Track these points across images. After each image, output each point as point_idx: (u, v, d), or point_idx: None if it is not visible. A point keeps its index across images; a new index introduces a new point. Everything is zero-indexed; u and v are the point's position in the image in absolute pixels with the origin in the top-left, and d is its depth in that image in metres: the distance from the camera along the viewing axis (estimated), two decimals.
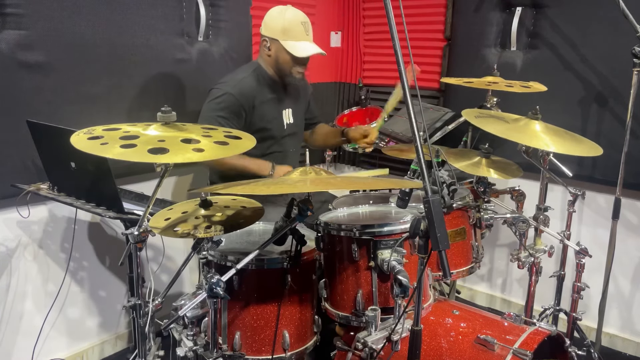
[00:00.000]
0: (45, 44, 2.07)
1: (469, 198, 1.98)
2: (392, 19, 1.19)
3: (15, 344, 2.25)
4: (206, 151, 1.32)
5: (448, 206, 1.79)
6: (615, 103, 2.39)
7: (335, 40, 3.48)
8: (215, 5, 2.61)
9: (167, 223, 1.58)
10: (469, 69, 2.77)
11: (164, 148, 1.28)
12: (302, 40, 2.22)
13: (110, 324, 2.59)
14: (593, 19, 2.41)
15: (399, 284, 1.41)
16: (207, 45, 2.62)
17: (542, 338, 1.55)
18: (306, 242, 1.64)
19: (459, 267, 1.96)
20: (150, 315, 1.53)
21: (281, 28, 2.20)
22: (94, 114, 2.24)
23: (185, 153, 1.30)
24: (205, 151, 1.32)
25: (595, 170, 2.49)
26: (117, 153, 1.25)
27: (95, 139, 1.31)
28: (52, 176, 2.03)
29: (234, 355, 1.62)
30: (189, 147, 1.32)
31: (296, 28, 2.20)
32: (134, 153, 1.25)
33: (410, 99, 1.18)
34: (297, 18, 2.22)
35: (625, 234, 2.50)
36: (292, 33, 2.20)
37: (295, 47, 2.20)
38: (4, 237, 2.17)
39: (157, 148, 1.28)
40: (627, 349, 2.64)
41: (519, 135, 1.88)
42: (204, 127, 1.50)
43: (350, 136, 2.47)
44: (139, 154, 1.25)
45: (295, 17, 2.22)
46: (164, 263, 2.60)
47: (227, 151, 1.39)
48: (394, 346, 1.50)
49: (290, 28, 2.20)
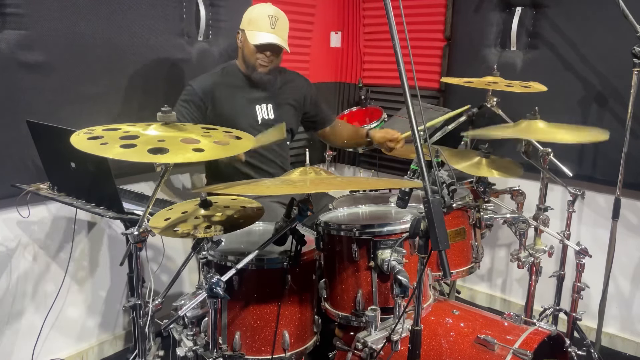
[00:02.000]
0: (45, 44, 2.07)
1: (468, 198, 1.98)
2: (392, 19, 1.19)
3: (15, 344, 2.25)
4: (206, 151, 1.32)
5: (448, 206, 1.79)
6: (615, 103, 2.39)
7: (335, 40, 3.48)
8: (215, 5, 2.61)
9: (167, 223, 1.58)
10: (469, 69, 2.76)
11: (164, 148, 1.28)
12: (264, 32, 2.27)
13: (110, 324, 2.59)
14: (593, 19, 2.41)
15: (399, 284, 1.41)
16: (207, 45, 2.62)
17: (542, 338, 1.55)
18: (306, 242, 1.64)
19: (459, 267, 1.96)
20: (150, 315, 1.53)
21: (248, 19, 2.30)
22: (94, 114, 2.24)
23: (185, 153, 1.30)
24: (205, 151, 1.32)
25: (595, 170, 2.49)
26: (117, 153, 1.24)
27: (95, 139, 1.31)
28: (52, 176, 2.03)
29: (234, 355, 1.62)
30: (188, 147, 1.32)
31: (261, 19, 2.27)
32: (134, 153, 1.25)
33: (411, 99, 1.18)
34: (265, 11, 2.29)
35: (625, 234, 2.50)
36: (256, 24, 2.28)
37: (255, 35, 2.27)
38: (4, 237, 2.17)
39: (157, 148, 1.28)
40: (627, 349, 2.64)
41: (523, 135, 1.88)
42: (204, 127, 1.50)
43: (377, 139, 2.49)
44: (139, 154, 1.25)
45: (264, 10, 2.30)
46: (164, 263, 2.60)
47: (227, 151, 1.39)
48: (394, 346, 1.50)
49: (255, 19, 2.28)
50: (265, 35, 2.26)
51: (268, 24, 2.27)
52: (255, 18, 2.28)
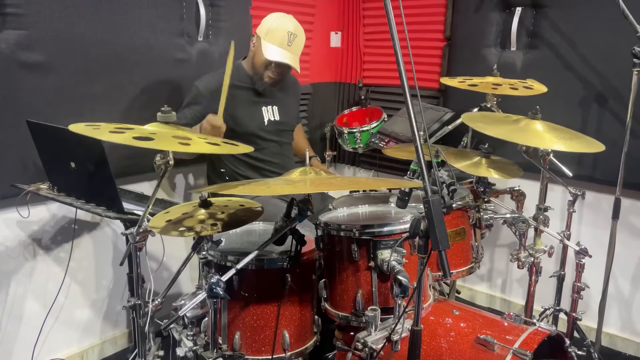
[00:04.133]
0: (45, 44, 2.07)
1: (468, 198, 1.98)
2: (392, 19, 1.19)
3: (15, 344, 2.25)
4: (192, 145, 1.33)
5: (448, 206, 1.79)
6: (615, 103, 2.39)
7: (335, 40, 3.48)
8: (215, 5, 2.61)
9: (167, 223, 1.58)
10: (469, 69, 2.76)
11: (149, 137, 1.31)
12: (280, 47, 2.26)
13: (110, 323, 2.59)
14: (593, 19, 2.41)
15: (398, 284, 1.41)
16: (207, 45, 2.62)
17: (542, 338, 1.55)
18: (306, 242, 1.64)
19: (459, 267, 1.96)
20: (150, 315, 1.53)
21: (267, 28, 2.28)
22: (94, 114, 2.24)
23: (170, 144, 1.33)
24: (191, 145, 1.33)
25: (595, 170, 2.49)
26: (105, 136, 1.30)
27: (90, 126, 1.35)
28: (52, 176, 2.03)
29: (233, 355, 1.62)
30: (175, 140, 1.33)
31: (279, 33, 2.26)
32: (119, 137, 1.30)
33: (411, 99, 1.18)
34: (285, 26, 2.27)
35: (625, 234, 2.50)
36: (273, 36, 2.26)
37: (270, 48, 2.25)
38: (4, 237, 2.17)
39: (144, 137, 1.31)
40: (627, 349, 2.64)
41: (521, 136, 1.88)
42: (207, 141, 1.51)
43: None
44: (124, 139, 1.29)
45: (284, 24, 2.28)
46: (164, 263, 2.60)
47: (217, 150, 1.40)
48: (393, 346, 1.50)
49: (274, 31, 2.26)
50: (281, 53, 2.25)
51: (286, 41, 2.25)
52: (274, 30, 2.26)
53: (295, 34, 2.27)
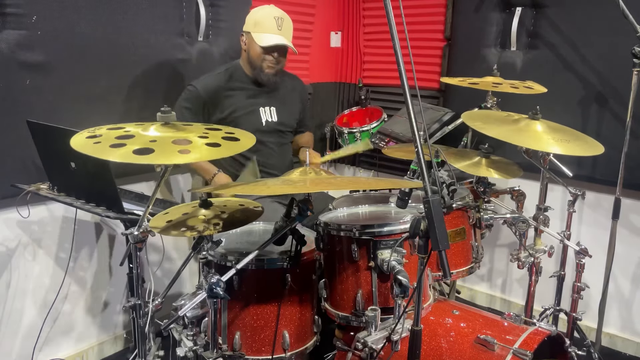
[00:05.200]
0: (45, 44, 2.07)
1: (468, 198, 1.98)
2: (392, 19, 1.19)
3: (15, 344, 2.25)
4: (192, 153, 1.32)
5: (448, 206, 1.80)
6: (615, 103, 2.39)
7: (335, 40, 3.48)
8: (215, 5, 2.61)
9: (167, 223, 1.58)
10: (469, 69, 2.76)
11: (150, 148, 1.29)
12: (271, 33, 2.27)
13: (110, 324, 2.59)
14: (593, 19, 2.41)
15: (398, 284, 1.41)
16: (207, 45, 2.62)
17: (542, 338, 1.55)
18: (306, 242, 1.64)
19: (459, 267, 1.95)
20: (150, 315, 1.53)
21: (254, 21, 2.30)
22: (94, 114, 2.24)
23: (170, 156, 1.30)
24: (190, 153, 1.32)
25: (595, 170, 2.49)
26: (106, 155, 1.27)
27: (91, 138, 1.33)
28: (52, 176, 2.03)
29: (234, 355, 1.62)
30: (175, 148, 1.32)
31: (267, 21, 2.27)
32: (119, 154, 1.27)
33: (411, 99, 1.18)
34: (270, 13, 2.29)
35: (625, 234, 2.50)
36: (262, 26, 2.27)
37: (262, 37, 2.26)
38: (4, 237, 2.17)
39: (144, 149, 1.29)
40: (627, 349, 2.64)
41: (520, 137, 1.87)
42: (206, 125, 1.51)
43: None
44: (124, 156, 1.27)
45: (269, 12, 2.30)
46: (164, 263, 2.60)
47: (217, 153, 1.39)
48: (393, 346, 1.50)
49: (261, 21, 2.28)
50: (273, 37, 2.26)
51: (275, 26, 2.26)
52: (261, 20, 2.27)
53: (282, 18, 2.29)
